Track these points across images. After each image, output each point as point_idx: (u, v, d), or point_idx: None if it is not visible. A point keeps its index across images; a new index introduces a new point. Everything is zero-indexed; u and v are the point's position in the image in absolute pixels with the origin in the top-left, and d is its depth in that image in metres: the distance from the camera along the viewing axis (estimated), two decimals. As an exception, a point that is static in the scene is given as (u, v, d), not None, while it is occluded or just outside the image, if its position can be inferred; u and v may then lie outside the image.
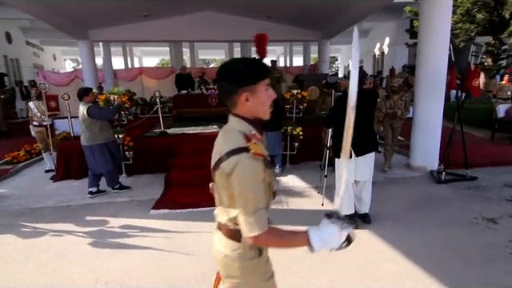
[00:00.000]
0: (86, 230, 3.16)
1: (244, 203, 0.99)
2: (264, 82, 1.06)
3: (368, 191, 3.15)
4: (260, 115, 1.10)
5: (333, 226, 1.03)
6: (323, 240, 1.02)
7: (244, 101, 1.04)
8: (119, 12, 8.25)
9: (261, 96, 1.06)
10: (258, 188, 1.00)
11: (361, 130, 2.87)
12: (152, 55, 25.11)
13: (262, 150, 1.02)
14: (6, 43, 12.49)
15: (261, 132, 1.13)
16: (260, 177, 1.01)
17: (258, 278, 1.19)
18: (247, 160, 0.97)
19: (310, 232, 1.03)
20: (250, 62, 1.09)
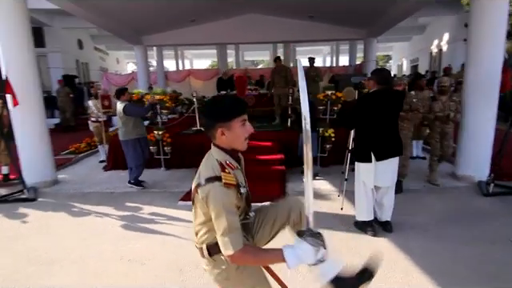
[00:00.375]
0: (121, 215, 3.56)
1: (219, 225, 1.11)
2: (239, 119, 1.17)
3: (390, 198, 2.98)
4: (236, 147, 1.23)
5: (304, 243, 1.09)
6: (297, 256, 1.10)
7: (220, 135, 1.18)
8: (169, 19, 8.93)
9: (236, 131, 1.18)
10: (230, 212, 1.11)
11: (384, 133, 2.78)
12: (202, 57, 26.45)
13: (233, 179, 1.14)
14: (78, 49, 14.34)
15: (237, 160, 1.28)
16: (232, 202, 1.13)
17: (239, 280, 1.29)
18: (219, 188, 1.11)
19: (285, 249, 1.11)
20: (226, 100, 1.23)
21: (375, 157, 2.76)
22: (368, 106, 2.80)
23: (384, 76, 2.88)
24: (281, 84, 6.41)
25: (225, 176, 1.14)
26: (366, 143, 2.83)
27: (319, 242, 1.11)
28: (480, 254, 2.58)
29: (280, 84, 6.40)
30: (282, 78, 6.39)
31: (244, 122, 1.20)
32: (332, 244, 2.48)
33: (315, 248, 1.09)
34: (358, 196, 2.97)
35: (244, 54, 22.09)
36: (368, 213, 2.92)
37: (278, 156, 5.04)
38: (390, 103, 2.82)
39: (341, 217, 3.30)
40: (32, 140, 4.56)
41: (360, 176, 2.90)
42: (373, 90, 2.86)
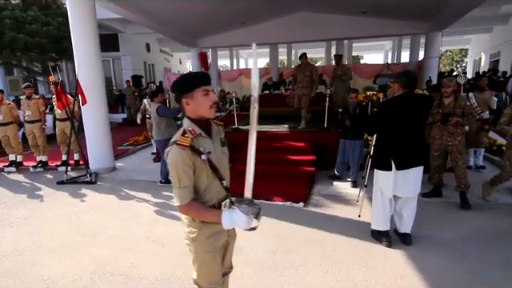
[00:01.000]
0: (157, 201, 4.02)
1: (172, 179, 1.36)
2: (200, 89, 1.35)
3: (411, 209, 2.78)
4: (202, 114, 1.40)
5: (238, 210, 1.27)
6: (232, 220, 1.30)
7: (185, 105, 1.38)
8: (221, 22, 9.45)
9: (198, 100, 1.36)
10: (182, 170, 1.32)
11: (407, 140, 2.62)
12: (259, 56, 26.95)
13: (187, 142, 1.33)
14: (146, 52, 16.06)
15: (207, 129, 1.44)
16: (184, 162, 1.32)
17: (198, 246, 1.48)
18: (174, 149, 1.33)
19: (223, 213, 1.33)
20: (186, 75, 1.43)
21: (396, 165, 2.61)
22: (391, 111, 2.64)
23: (409, 79, 2.68)
24: (304, 83, 5.84)
25: (181, 139, 1.33)
26: (386, 150, 2.68)
27: (253, 211, 1.26)
28: (505, 279, 2.28)
29: (303, 83, 5.84)
30: (307, 77, 5.79)
31: (206, 92, 1.36)
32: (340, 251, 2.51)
33: (248, 216, 1.25)
34: (375, 204, 2.85)
35: (298, 52, 21.93)
36: (384, 222, 2.79)
37: (309, 157, 5.02)
38: (415, 109, 2.63)
39: (357, 224, 3.20)
40: (96, 133, 5.41)
41: (378, 184, 2.77)
42: (397, 94, 2.70)
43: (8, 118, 5.55)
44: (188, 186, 1.35)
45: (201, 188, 1.41)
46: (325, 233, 3.05)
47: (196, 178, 1.39)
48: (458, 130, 3.53)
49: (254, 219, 1.28)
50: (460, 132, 3.55)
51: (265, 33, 10.61)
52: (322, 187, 4.41)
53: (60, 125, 5.47)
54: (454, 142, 3.53)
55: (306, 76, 5.77)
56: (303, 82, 5.82)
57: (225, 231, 1.54)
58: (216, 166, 1.42)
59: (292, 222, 3.30)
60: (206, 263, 1.52)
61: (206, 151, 1.38)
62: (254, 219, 1.28)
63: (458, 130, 3.52)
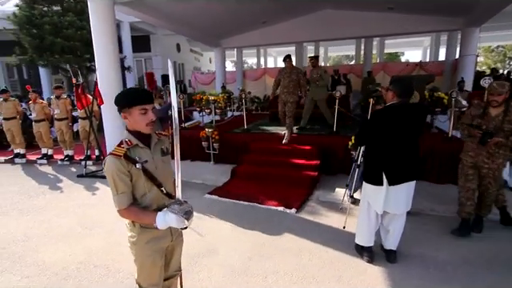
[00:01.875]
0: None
1: (110, 187, 1.46)
2: (137, 107, 1.44)
3: (399, 225, 2.62)
4: (139, 130, 1.50)
5: (169, 212, 1.40)
6: (165, 221, 1.42)
7: (124, 118, 1.49)
8: (241, 22, 9.53)
9: (135, 118, 1.47)
10: (118, 177, 1.42)
11: (400, 153, 2.47)
12: (287, 54, 26.71)
13: (120, 152, 1.43)
14: (176, 52, 16.68)
15: (146, 141, 1.53)
16: (119, 170, 1.42)
17: (139, 250, 1.58)
18: (109, 158, 1.44)
19: (158, 215, 1.43)
20: (127, 92, 1.51)
21: (388, 180, 2.44)
22: (384, 121, 2.44)
23: (405, 87, 2.46)
24: (289, 88, 5.23)
25: (115, 149, 1.44)
26: (377, 163, 2.51)
27: (183, 212, 1.39)
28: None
29: (288, 88, 5.23)
30: (293, 81, 5.20)
31: (144, 111, 1.45)
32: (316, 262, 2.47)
33: (177, 216, 1.38)
34: (360, 217, 2.71)
35: (328, 49, 21.36)
36: (368, 237, 2.65)
37: (314, 161, 4.91)
38: (410, 119, 2.44)
39: (344, 235, 3.09)
40: (114, 131, 5.78)
41: (366, 197, 2.63)
42: (390, 103, 2.47)
43: (41, 115, 6.16)
44: (125, 192, 1.45)
45: (139, 194, 1.50)
46: (307, 241, 2.99)
47: (134, 184, 1.48)
48: (501, 151, 2.88)
49: (184, 219, 1.39)
50: (502, 154, 2.89)
51: (289, 31, 10.48)
52: (323, 193, 4.29)
53: (81, 123, 5.96)
54: (492, 166, 2.91)
55: (292, 80, 5.22)
56: (289, 87, 5.23)
57: (167, 236, 1.62)
58: (153, 174, 1.51)
59: (277, 228, 3.28)
60: (146, 266, 1.60)
61: (141, 160, 1.47)
62: (184, 219, 1.39)
63: (500, 150, 2.88)
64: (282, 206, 3.82)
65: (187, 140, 6.27)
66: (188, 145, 6.28)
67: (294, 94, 5.27)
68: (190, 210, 1.43)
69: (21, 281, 2.49)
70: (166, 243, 1.64)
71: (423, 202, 3.76)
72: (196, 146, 6.10)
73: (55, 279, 2.49)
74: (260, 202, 4.00)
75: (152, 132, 1.53)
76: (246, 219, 3.52)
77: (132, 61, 13.65)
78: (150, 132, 1.51)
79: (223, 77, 11.89)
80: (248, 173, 4.99)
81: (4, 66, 14.40)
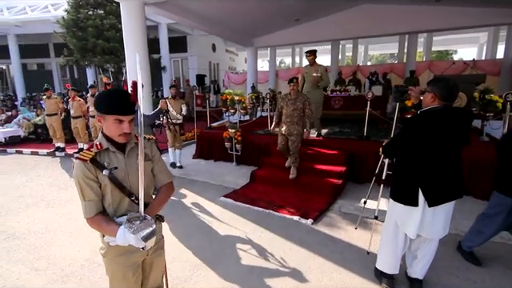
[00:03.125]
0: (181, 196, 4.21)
1: (78, 192, 1.35)
2: (112, 117, 1.32)
3: (430, 251, 2.21)
4: (111, 136, 1.38)
5: (128, 231, 1.24)
6: (124, 238, 1.26)
7: (98, 121, 1.39)
8: (274, 21, 9.31)
9: (108, 125, 1.35)
10: (84, 183, 1.32)
11: (442, 168, 2.03)
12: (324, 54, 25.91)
13: (87, 156, 1.32)
14: (212, 52, 16.99)
15: (120, 147, 1.41)
16: (85, 175, 1.32)
17: (108, 262, 1.48)
18: (76, 162, 1.33)
19: (119, 230, 1.27)
20: (107, 97, 1.37)
21: (428, 201, 2.02)
22: (423, 130, 2.00)
23: (450, 88, 2.00)
24: (293, 118, 4.30)
25: (82, 152, 1.33)
26: (413, 180, 2.07)
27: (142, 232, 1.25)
28: None
29: (292, 118, 4.31)
30: (297, 110, 4.29)
31: (119, 121, 1.32)
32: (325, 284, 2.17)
33: (135, 236, 1.23)
34: (385, 240, 2.31)
35: (368, 47, 20.23)
36: (393, 264, 2.26)
37: (339, 168, 4.54)
38: (455, 127, 2.00)
39: (360, 254, 2.74)
40: (141, 128, 5.95)
41: (394, 217, 2.21)
42: (432, 108, 2.02)
43: (78, 112, 6.56)
44: (93, 199, 1.34)
45: (106, 202, 1.38)
46: (319, 258, 2.70)
47: (102, 191, 1.37)
48: None
49: (141, 240, 1.23)
50: None
51: (324, 29, 10.02)
52: (346, 203, 3.92)
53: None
54: None
55: (297, 109, 4.27)
56: (292, 117, 4.28)
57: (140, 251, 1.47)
58: (122, 182, 1.38)
59: (289, 240, 3.03)
60: (117, 279, 1.48)
61: (110, 166, 1.35)
62: (141, 240, 1.23)
63: None
64: (298, 216, 3.54)
65: (211, 140, 6.25)
66: (212, 145, 6.25)
67: (299, 126, 4.31)
68: (152, 229, 1.27)
69: (29, 273, 2.56)
70: (141, 257, 1.51)
71: (463, 222, 3.23)
72: (220, 147, 6.04)
73: (59, 275, 2.52)
74: (275, 209, 3.76)
75: (126, 141, 1.40)
76: (257, 227, 3.32)
77: (169, 61, 14.16)
78: (124, 141, 1.39)
79: (255, 76, 11.78)
80: (267, 176, 4.77)
81: (58, 66, 15.83)
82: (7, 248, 2.96)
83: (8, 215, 3.72)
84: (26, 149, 7.40)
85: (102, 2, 9.20)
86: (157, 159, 1.55)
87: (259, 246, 2.94)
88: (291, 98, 4.36)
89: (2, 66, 17.89)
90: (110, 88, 5.47)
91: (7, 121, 8.94)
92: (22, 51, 14.69)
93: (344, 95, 7.28)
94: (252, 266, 2.59)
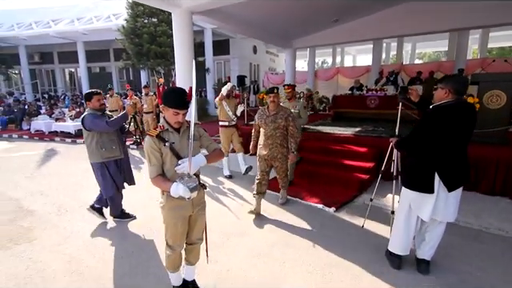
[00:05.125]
0: (210, 184, 4.75)
1: (146, 159, 1.90)
2: (171, 109, 1.84)
3: (438, 233, 2.43)
4: (169, 122, 1.92)
5: (181, 184, 1.75)
6: (176, 189, 1.77)
7: (162, 110, 1.92)
8: (313, 23, 9.53)
9: (169, 114, 1.89)
10: (150, 152, 1.86)
11: (457, 156, 2.33)
12: (368, 53, 25.11)
13: (153, 132, 1.86)
14: (252, 53, 17.61)
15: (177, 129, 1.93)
16: (152, 147, 1.85)
17: (165, 213, 2.00)
18: (146, 137, 1.89)
19: (172, 185, 1.79)
20: (170, 95, 1.88)
21: (447, 186, 2.25)
22: (443, 120, 2.19)
23: (463, 83, 2.27)
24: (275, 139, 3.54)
25: (151, 131, 1.89)
26: (430, 168, 2.28)
27: (189, 184, 1.75)
28: None
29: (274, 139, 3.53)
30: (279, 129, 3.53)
31: (176, 113, 1.84)
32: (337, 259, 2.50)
33: (184, 187, 1.73)
34: (398, 223, 2.52)
35: (416, 45, 19.21)
36: (404, 246, 2.48)
37: (367, 164, 4.71)
38: (467, 119, 2.22)
39: (374, 238, 2.97)
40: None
41: (407, 201, 2.43)
42: (446, 102, 2.24)
43: (134, 109, 7.54)
44: (156, 164, 1.87)
45: (165, 168, 1.90)
46: (334, 239, 3.00)
47: (163, 159, 1.88)
48: None
49: (188, 190, 1.73)
50: None
51: (365, 27, 9.92)
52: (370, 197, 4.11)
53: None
54: None
55: (279, 127, 3.47)
56: (274, 138, 3.48)
57: (189, 207, 1.97)
58: (178, 152, 1.88)
59: (310, 223, 3.36)
60: (170, 227, 1.99)
61: (169, 141, 1.85)
62: (188, 190, 1.73)
63: None
64: (322, 204, 3.85)
65: (247, 135, 6.73)
66: (248, 139, 6.74)
67: (284, 148, 3.54)
68: (196, 184, 1.77)
69: (94, 232, 3.25)
70: (188, 213, 2.00)
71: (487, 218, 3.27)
72: (254, 141, 6.51)
73: (120, 234, 3.17)
74: (302, 197, 4.10)
75: (179, 127, 1.92)
76: (283, 211, 3.70)
77: (213, 63, 15.09)
78: (178, 127, 1.91)
79: (292, 77, 12.07)
80: (297, 170, 5.10)
81: (116, 69, 17.74)
82: (83, 217, 3.67)
83: (81, 190, 4.57)
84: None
85: (155, 12, 10.27)
86: (204, 137, 2.05)
87: (284, 225, 3.32)
88: (270, 113, 3.49)
89: (71, 69, 20.54)
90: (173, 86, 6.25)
91: (76, 116, 10.46)
92: (88, 56, 16.78)
93: (380, 95, 7.28)
94: (275, 241, 2.98)
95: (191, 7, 6.17)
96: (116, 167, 3.32)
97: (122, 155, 3.35)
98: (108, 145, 3.20)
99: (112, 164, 3.28)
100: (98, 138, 3.15)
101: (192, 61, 6.36)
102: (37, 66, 19.49)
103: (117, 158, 3.30)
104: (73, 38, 15.65)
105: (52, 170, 5.84)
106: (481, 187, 4.19)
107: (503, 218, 3.41)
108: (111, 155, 3.24)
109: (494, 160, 4.13)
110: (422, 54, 32.60)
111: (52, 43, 16.53)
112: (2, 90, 18.21)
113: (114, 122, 3.11)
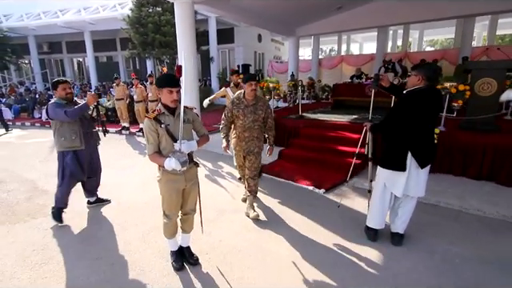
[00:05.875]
0: (209, 168, 5.04)
1: (145, 138, 2.17)
2: (166, 89, 2.11)
3: (409, 208, 2.68)
4: (166, 103, 2.17)
5: (173, 158, 2.02)
6: (169, 163, 2.04)
7: (158, 94, 2.18)
8: (316, 10, 9.53)
9: (164, 94, 2.14)
10: (148, 132, 2.13)
11: (427, 136, 2.59)
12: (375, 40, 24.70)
13: (151, 115, 2.12)
14: (257, 42, 17.61)
15: (172, 111, 2.18)
16: (150, 128, 2.12)
17: (160, 186, 2.28)
18: (145, 119, 2.15)
19: (165, 160, 2.07)
20: (162, 77, 2.16)
21: (420, 163, 2.49)
22: (416, 105, 2.41)
23: (435, 71, 2.51)
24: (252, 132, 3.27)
25: (149, 114, 2.16)
26: (404, 148, 2.52)
27: (180, 159, 2.02)
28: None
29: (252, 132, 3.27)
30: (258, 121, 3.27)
31: (170, 91, 2.10)
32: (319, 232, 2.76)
33: (176, 161, 2.02)
34: (374, 200, 2.79)
35: (424, 32, 18.87)
36: (379, 219, 2.74)
37: (360, 150, 4.89)
38: (435, 103, 2.48)
39: (356, 215, 3.22)
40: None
41: (382, 180, 2.68)
42: (419, 87, 2.45)
43: (140, 97, 7.81)
44: (153, 143, 2.14)
45: (161, 146, 2.16)
46: (318, 215, 3.27)
47: (159, 139, 2.14)
48: None
49: (179, 163, 2.01)
50: None
51: (369, 15, 9.81)
52: (360, 180, 4.33)
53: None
54: None
55: (258, 119, 3.23)
56: (252, 130, 3.23)
57: (182, 181, 2.24)
58: (173, 133, 2.14)
59: (299, 202, 3.63)
60: (166, 198, 2.28)
61: (165, 123, 2.11)
62: (179, 163, 2.01)
63: None
64: (313, 186, 4.10)
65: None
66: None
67: (260, 141, 3.33)
68: (186, 159, 2.04)
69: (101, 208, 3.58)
70: (181, 186, 2.27)
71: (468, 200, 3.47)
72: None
73: (124, 210, 3.50)
74: (295, 180, 4.35)
75: (175, 106, 2.15)
76: (276, 192, 3.97)
77: (217, 52, 15.19)
78: (174, 106, 2.15)
79: (296, 65, 12.13)
80: (293, 155, 5.34)
81: (123, 58, 18.00)
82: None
83: (91, 173, 4.93)
84: (99, 127, 8.99)
85: (159, 0, 10.41)
86: (197, 122, 2.32)
87: (275, 204, 3.60)
88: (249, 103, 3.19)
89: (79, 59, 20.90)
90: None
91: (85, 105, 10.83)
92: (95, 45, 17.05)
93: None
94: (265, 220, 3.25)
95: (192, -3, 6.31)
96: (74, 159, 3.18)
97: (83, 146, 3.21)
98: (68, 134, 3.10)
99: (70, 154, 3.16)
100: (58, 126, 3.10)
101: (194, 50, 6.56)
102: (46, 56, 19.91)
103: (76, 149, 3.17)
104: (80, 27, 15.90)
105: (63, 154, 6.22)
106: (469, 172, 4.36)
107: (484, 200, 3.60)
108: (70, 145, 3.13)
109: (482, 146, 4.28)
110: (434, 41, 31.88)
111: (60, 33, 16.83)
112: (13, 80, 18.72)
113: (72, 111, 2.99)
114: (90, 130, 3.38)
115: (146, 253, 2.66)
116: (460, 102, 4.72)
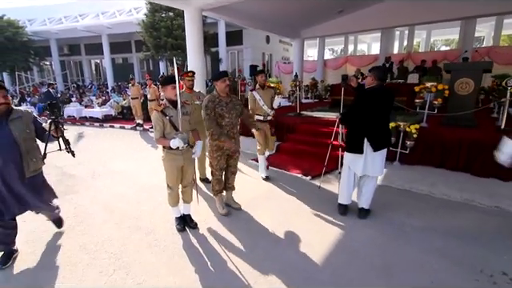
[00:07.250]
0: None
1: (153, 126, 2.78)
2: (169, 86, 2.72)
3: (371, 187, 3.22)
4: (170, 98, 2.78)
5: (177, 138, 2.60)
6: (174, 142, 2.62)
7: (163, 91, 2.77)
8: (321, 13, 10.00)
9: (168, 90, 2.75)
10: (156, 122, 2.74)
11: (379, 126, 3.19)
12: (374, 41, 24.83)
13: (158, 108, 2.72)
14: (265, 43, 18.19)
15: (174, 105, 2.75)
16: (157, 118, 2.73)
17: (164, 163, 2.90)
18: (154, 111, 2.77)
19: (171, 140, 2.64)
20: (165, 78, 2.78)
21: (373, 148, 3.05)
22: (369, 99, 3.04)
23: (383, 72, 3.11)
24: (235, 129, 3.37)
25: (157, 106, 2.76)
26: (361, 136, 3.10)
27: (182, 138, 2.58)
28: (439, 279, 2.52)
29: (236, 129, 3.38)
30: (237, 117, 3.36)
31: (173, 87, 2.70)
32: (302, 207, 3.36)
33: (178, 140, 2.58)
34: (342, 180, 3.35)
35: (431, 34, 18.97)
36: (347, 196, 3.31)
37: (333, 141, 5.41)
38: (386, 98, 3.04)
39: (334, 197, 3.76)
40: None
41: (347, 163, 3.26)
42: (372, 86, 3.07)
43: (153, 96, 8.51)
44: (159, 130, 2.75)
45: (166, 132, 2.77)
46: (302, 197, 3.83)
47: (164, 127, 2.75)
48: None
49: (182, 141, 2.60)
50: None
51: (373, 17, 10.18)
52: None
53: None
54: None
55: (238, 114, 3.31)
56: (236, 126, 3.31)
57: (181, 160, 2.84)
58: (174, 123, 2.75)
59: (288, 186, 4.19)
60: (168, 173, 2.90)
61: (169, 115, 2.73)
62: (182, 141, 2.60)
63: None
64: (301, 174, 4.65)
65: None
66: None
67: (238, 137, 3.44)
68: (186, 138, 2.63)
69: (125, 190, 4.25)
70: (180, 164, 2.88)
71: (439, 187, 3.95)
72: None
73: (138, 189, 4.15)
74: (287, 169, 4.91)
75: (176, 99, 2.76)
76: (270, 177, 4.54)
77: (226, 53, 15.87)
78: (175, 99, 2.75)
79: (301, 66, 12.63)
80: (289, 149, 5.89)
81: (137, 60, 18.94)
82: (111, 179, 4.72)
83: (110, 162, 5.62)
84: (116, 124, 9.81)
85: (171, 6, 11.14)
86: (193, 114, 2.90)
87: (267, 188, 4.17)
88: (227, 100, 3.20)
89: (97, 61, 22.04)
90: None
91: (102, 103, 11.69)
92: (111, 48, 18.05)
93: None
94: (257, 196, 3.84)
95: (201, 5, 6.96)
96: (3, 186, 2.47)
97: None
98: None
99: None
100: None
101: (202, 52, 7.20)
102: (66, 58, 21.14)
103: None
104: (98, 31, 16.91)
105: (85, 147, 6.99)
106: (447, 164, 4.79)
107: (453, 187, 4.05)
108: None
109: (458, 140, 4.70)
110: (450, 41, 31.53)
111: (79, 36, 17.92)
112: (35, 81, 19.99)
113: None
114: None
115: (155, 219, 3.30)
116: (440, 100, 5.14)
